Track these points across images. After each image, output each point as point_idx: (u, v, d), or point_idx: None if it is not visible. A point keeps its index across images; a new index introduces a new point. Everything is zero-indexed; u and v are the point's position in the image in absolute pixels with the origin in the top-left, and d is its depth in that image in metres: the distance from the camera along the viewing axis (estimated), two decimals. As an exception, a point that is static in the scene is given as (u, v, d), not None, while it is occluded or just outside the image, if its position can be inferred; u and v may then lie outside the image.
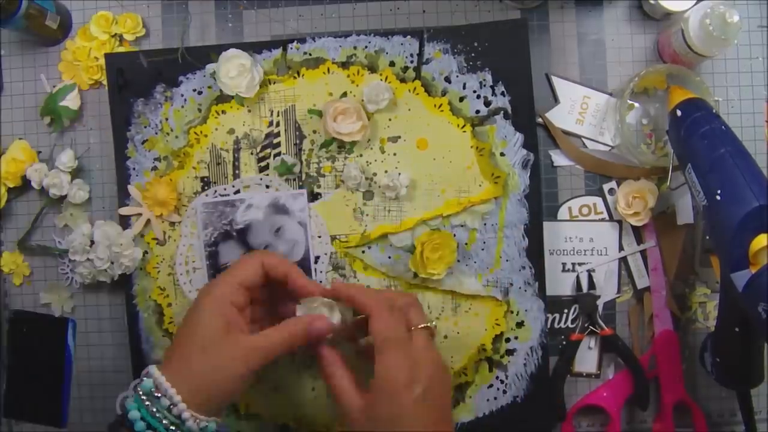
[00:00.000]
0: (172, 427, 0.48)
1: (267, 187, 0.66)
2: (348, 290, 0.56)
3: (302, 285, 0.56)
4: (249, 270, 0.56)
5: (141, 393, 0.49)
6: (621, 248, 0.67)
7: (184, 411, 0.48)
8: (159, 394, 0.49)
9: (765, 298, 0.48)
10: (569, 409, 0.66)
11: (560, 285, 0.67)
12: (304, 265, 0.65)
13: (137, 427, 0.48)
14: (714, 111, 0.58)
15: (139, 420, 0.48)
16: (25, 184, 0.69)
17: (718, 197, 0.53)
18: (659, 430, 0.66)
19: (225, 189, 0.66)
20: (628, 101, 0.65)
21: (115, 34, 0.69)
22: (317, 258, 0.65)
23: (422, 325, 0.55)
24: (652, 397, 0.66)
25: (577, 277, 0.67)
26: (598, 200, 0.67)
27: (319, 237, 0.65)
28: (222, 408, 0.53)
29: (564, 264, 0.67)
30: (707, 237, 0.63)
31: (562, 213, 0.67)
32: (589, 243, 0.67)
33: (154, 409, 0.48)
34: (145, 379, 0.50)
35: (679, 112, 0.58)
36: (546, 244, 0.65)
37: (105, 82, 0.68)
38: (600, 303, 0.67)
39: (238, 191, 0.66)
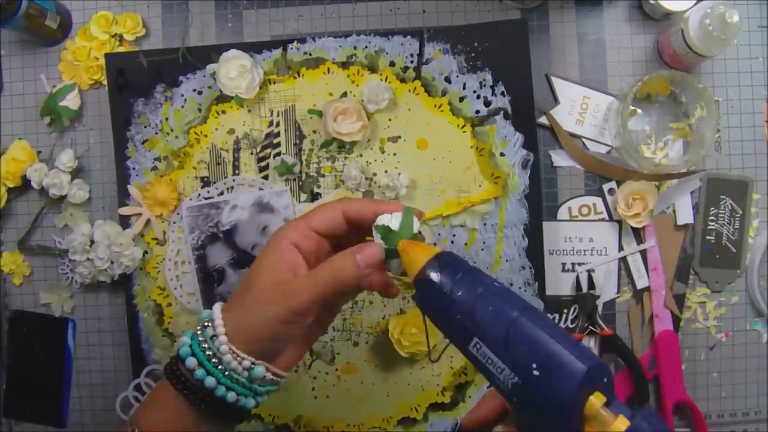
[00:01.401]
0: (214, 360, 0.46)
1: (250, 186, 0.66)
2: None
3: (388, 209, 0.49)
4: (325, 215, 0.49)
5: (198, 324, 0.48)
6: (621, 248, 0.67)
7: (223, 344, 0.45)
8: (207, 324, 0.47)
9: None
10: (569, 409, 0.66)
11: (560, 285, 0.67)
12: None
13: (182, 352, 0.46)
14: (470, 264, 0.45)
15: (187, 346, 0.46)
16: (25, 184, 0.69)
17: (536, 372, 0.41)
18: (659, 430, 0.66)
19: (209, 191, 0.67)
20: (631, 107, 0.65)
21: (115, 34, 0.69)
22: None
23: None
24: (652, 397, 0.66)
25: (577, 277, 0.67)
26: (598, 200, 0.67)
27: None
28: (273, 353, 0.48)
29: (564, 264, 0.67)
30: (524, 418, 0.45)
31: (562, 213, 0.67)
32: (589, 243, 0.67)
33: (201, 339, 0.46)
34: (205, 310, 0.48)
35: (434, 276, 0.43)
36: (546, 244, 0.65)
37: (105, 82, 0.68)
38: (600, 303, 0.67)
39: (222, 193, 0.67)
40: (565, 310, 0.67)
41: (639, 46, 0.68)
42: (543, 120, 0.67)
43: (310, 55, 0.66)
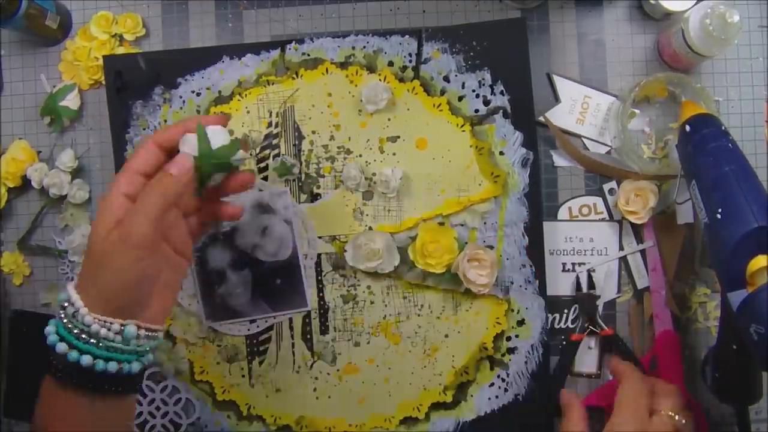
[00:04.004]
0: (84, 336, 0.45)
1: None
2: (611, 363, 0.62)
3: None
4: (142, 156, 0.50)
5: (58, 309, 0.47)
6: (621, 248, 0.67)
7: (86, 315, 0.45)
8: (66, 305, 0.47)
9: (757, 319, 0.47)
10: (569, 409, 0.66)
11: (560, 285, 0.67)
12: (294, 261, 0.65)
13: (50, 341, 0.46)
14: (723, 128, 0.56)
15: (54, 334, 0.46)
16: (25, 184, 0.69)
17: (719, 216, 0.52)
18: (660, 430, 0.66)
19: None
20: (630, 109, 0.65)
21: (115, 34, 0.69)
22: (305, 255, 0.66)
23: (669, 413, 0.55)
24: (652, 397, 0.66)
25: (577, 277, 0.66)
26: (598, 200, 0.67)
27: (306, 233, 0.66)
28: (139, 307, 0.48)
29: (564, 264, 0.67)
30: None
31: (562, 213, 0.67)
32: (589, 243, 0.67)
33: (65, 321, 0.46)
34: (61, 293, 0.48)
35: (687, 128, 0.58)
36: (546, 244, 0.65)
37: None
38: (600, 303, 0.66)
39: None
40: (566, 310, 0.67)
41: (639, 46, 0.67)
42: (543, 118, 0.67)
43: (309, 55, 0.66)
